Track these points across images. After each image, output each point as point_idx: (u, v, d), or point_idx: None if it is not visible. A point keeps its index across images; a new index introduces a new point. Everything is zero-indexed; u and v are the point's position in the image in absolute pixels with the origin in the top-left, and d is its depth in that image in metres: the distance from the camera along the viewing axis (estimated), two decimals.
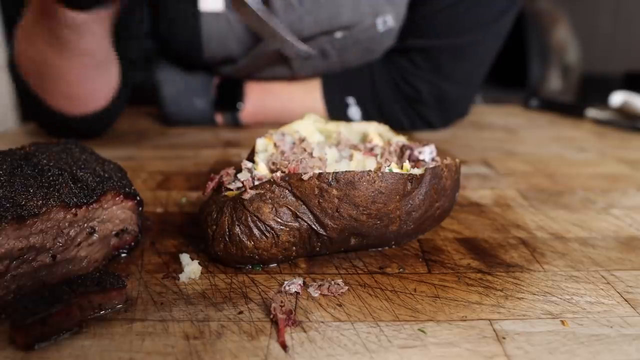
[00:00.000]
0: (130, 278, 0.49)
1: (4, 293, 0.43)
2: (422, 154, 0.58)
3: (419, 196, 0.51)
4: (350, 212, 0.48)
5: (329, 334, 0.41)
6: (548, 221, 0.64)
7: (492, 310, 0.44)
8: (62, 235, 0.46)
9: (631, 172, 0.87)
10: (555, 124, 1.32)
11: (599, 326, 0.42)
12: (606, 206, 0.70)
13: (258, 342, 0.40)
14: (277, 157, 0.56)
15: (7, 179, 0.45)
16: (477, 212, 0.67)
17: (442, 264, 0.52)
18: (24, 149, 0.52)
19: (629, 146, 1.06)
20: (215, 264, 0.52)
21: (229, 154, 0.96)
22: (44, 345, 0.39)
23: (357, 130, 0.67)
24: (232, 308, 0.44)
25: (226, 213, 0.50)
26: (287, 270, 0.51)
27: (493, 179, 0.82)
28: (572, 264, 0.53)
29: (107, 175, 0.52)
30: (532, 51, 2.32)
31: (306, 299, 0.46)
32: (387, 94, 1.13)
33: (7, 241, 0.42)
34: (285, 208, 0.49)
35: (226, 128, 1.17)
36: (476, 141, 1.09)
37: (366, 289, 0.47)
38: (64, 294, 0.40)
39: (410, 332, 0.41)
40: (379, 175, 0.48)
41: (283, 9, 0.98)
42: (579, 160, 0.95)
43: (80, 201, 0.47)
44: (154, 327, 0.41)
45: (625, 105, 1.34)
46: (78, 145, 0.56)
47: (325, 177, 0.48)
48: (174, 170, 0.85)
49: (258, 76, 1.15)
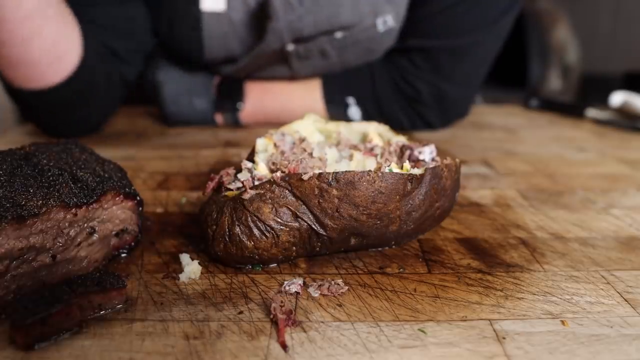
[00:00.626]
0: (130, 278, 0.49)
1: (4, 293, 0.43)
2: (422, 154, 0.58)
3: (419, 196, 0.51)
4: (350, 212, 0.48)
5: (329, 334, 0.41)
6: (548, 221, 0.64)
7: (492, 310, 0.44)
8: (62, 235, 0.46)
9: (631, 172, 0.87)
10: (555, 124, 1.32)
11: (599, 326, 0.42)
12: (606, 206, 0.70)
13: (258, 342, 0.40)
14: (277, 157, 0.56)
15: (7, 179, 0.45)
16: (477, 212, 0.67)
17: (442, 264, 0.52)
18: (24, 149, 0.52)
19: (629, 146, 1.06)
20: (215, 264, 0.52)
21: (229, 154, 0.96)
22: (44, 345, 0.39)
23: (357, 130, 0.67)
24: (232, 308, 0.44)
25: (226, 213, 0.50)
26: (287, 270, 0.51)
27: (493, 179, 0.82)
28: (572, 264, 0.53)
29: (107, 175, 0.52)
30: (532, 51, 2.32)
31: (306, 299, 0.46)
32: (387, 93, 1.13)
33: (7, 241, 0.42)
34: (285, 208, 0.49)
35: (226, 128, 1.17)
36: (476, 141, 1.09)
37: (366, 289, 0.47)
38: (64, 294, 0.40)
39: (410, 332, 0.41)
40: (379, 175, 0.48)
41: (283, 9, 0.98)
42: (579, 160, 0.95)
43: (80, 201, 0.47)
44: (154, 327, 0.41)
45: (625, 105, 1.34)
46: (78, 145, 0.56)
47: (325, 177, 0.48)
48: (174, 170, 0.84)
49: (258, 76, 1.15)
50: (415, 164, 0.55)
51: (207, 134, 1.11)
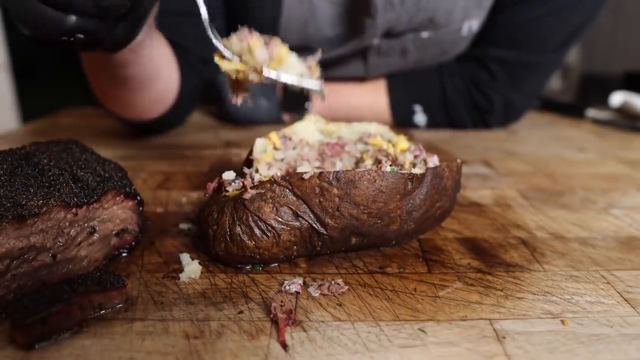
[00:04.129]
0: (131, 278, 0.49)
1: (4, 293, 0.43)
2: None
3: (420, 196, 0.51)
4: (350, 211, 0.48)
5: (329, 334, 0.41)
6: (548, 221, 0.64)
7: (492, 310, 0.44)
8: (62, 234, 0.46)
9: (631, 172, 0.87)
10: (555, 124, 1.32)
11: (599, 326, 0.42)
12: (606, 206, 0.70)
13: (258, 341, 0.40)
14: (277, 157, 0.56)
15: (8, 178, 0.45)
16: (477, 212, 0.67)
17: (442, 264, 0.52)
18: (25, 148, 0.52)
19: (629, 146, 1.06)
20: (216, 264, 0.52)
21: (229, 154, 0.96)
22: (44, 345, 0.39)
23: (357, 130, 0.67)
24: (232, 308, 0.44)
25: (227, 213, 0.50)
26: (287, 269, 0.51)
27: (493, 179, 0.82)
28: (572, 263, 0.53)
29: (107, 175, 0.52)
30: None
31: (306, 298, 0.46)
32: (457, 102, 1.15)
33: (7, 241, 0.42)
34: (286, 207, 0.49)
35: (227, 128, 1.17)
36: (476, 141, 1.09)
37: (366, 289, 0.47)
38: (64, 294, 0.40)
39: (410, 332, 0.41)
40: (379, 174, 0.48)
41: (383, 7, 0.98)
42: (579, 160, 0.95)
43: (81, 201, 0.47)
44: (154, 326, 0.41)
45: (625, 105, 1.34)
46: (78, 145, 0.56)
47: (326, 176, 0.48)
48: (174, 170, 0.85)
49: (329, 75, 1.15)
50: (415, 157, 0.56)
51: (207, 134, 1.11)
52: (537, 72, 1.11)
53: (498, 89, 1.11)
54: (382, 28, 1.01)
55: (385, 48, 1.07)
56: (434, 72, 1.14)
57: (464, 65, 1.13)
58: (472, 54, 1.12)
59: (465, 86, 1.13)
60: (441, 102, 1.15)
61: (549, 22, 1.03)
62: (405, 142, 0.61)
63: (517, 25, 1.05)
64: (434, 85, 1.14)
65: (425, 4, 0.99)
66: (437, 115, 1.15)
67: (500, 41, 1.08)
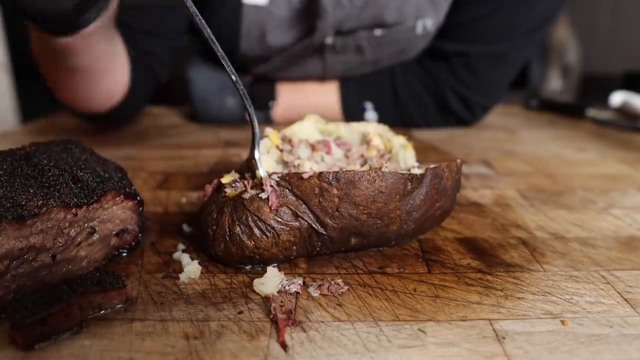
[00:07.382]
0: (130, 278, 0.49)
1: (4, 293, 0.43)
2: None
3: (420, 196, 0.51)
4: (350, 211, 0.48)
5: (329, 334, 0.41)
6: (548, 221, 0.64)
7: (492, 310, 0.44)
8: (62, 235, 0.46)
9: (631, 172, 0.87)
10: (555, 124, 1.32)
11: (599, 326, 0.42)
12: (606, 206, 0.70)
13: (258, 342, 0.40)
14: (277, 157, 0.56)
15: (8, 179, 0.45)
16: (477, 212, 0.67)
17: (442, 264, 0.52)
18: (24, 149, 0.52)
19: (629, 146, 1.06)
20: (215, 264, 0.52)
21: (229, 154, 0.96)
22: (44, 345, 0.39)
23: (357, 130, 0.67)
24: (232, 308, 0.44)
25: (226, 213, 0.50)
26: (287, 270, 0.51)
27: (493, 179, 0.82)
28: (572, 263, 0.53)
29: (107, 175, 0.52)
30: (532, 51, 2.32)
31: (306, 298, 0.46)
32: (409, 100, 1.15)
33: (7, 241, 0.42)
34: (285, 207, 0.49)
35: (229, 127, 1.17)
36: (476, 141, 1.09)
37: (366, 289, 0.47)
38: (64, 294, 0.40)
39: (410, 332, 0.41)
40: (379, 174, 0.48)
41: (332, 7, 0.99)
42: (579, 160, 0.95)
43: (81, 201, 0.47)
44: (154, 326, 0.41)
45: (625, 105, 1.34)
46: (78, 145, 0.56)
47: (326, 176, 0.48)
48: (174, 170, 0.85)
49: (289, 76, 1.17)
50: None
51: (207, 134, 1.11)
52: (499, 65, 1.10)
53: (457, 86, 1.12)
54: (332, 27, 1.02)
55: (340, 46, 1.08)
56: (387, 71, 1.16)
57: (422, 63, 1.14)
58: (431, 51, 1.12)
59: (422, 84, 1.14)
60: (392, 100, 1.16)
61: (510, 12, 1.03)
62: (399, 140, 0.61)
63: (478, 19, 1.05)
64: (385, 83, 1.16)
65: (373, 1, 1.00)
66: (388, 113, 1.16)
67: (461, 36, 1.08)
